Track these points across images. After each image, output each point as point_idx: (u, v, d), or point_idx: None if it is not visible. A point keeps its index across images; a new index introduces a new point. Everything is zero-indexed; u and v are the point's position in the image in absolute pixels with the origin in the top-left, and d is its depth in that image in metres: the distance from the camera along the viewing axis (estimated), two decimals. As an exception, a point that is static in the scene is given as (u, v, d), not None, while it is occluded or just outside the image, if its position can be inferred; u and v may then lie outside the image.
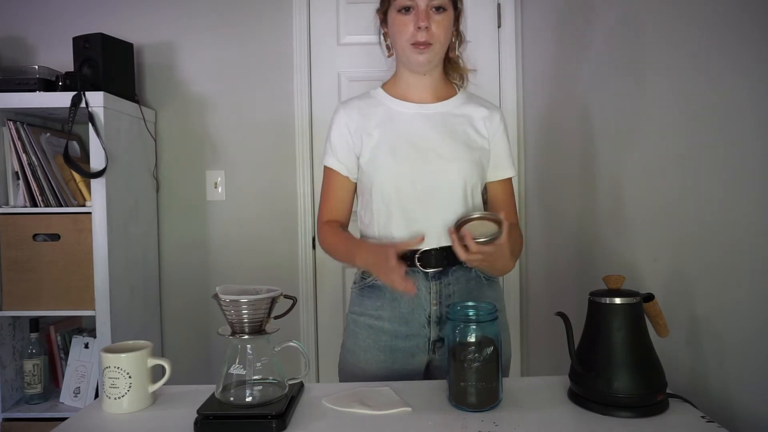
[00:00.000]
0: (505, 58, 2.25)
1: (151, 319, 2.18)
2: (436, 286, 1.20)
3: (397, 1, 1.15)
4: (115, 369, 0.96)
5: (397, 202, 1.19)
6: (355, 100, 1.28)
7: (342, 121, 1.24)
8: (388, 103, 1.24)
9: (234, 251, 2.27)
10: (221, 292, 0.92)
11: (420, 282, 1.19)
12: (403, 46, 1.17)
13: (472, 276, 1.23)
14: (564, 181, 1.80)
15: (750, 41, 0.91)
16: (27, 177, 1.85)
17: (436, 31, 1.15)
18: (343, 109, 1.25)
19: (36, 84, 1.86)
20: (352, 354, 1.24)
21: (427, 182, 1.18)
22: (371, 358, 1.21)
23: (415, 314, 1.20)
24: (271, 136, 2.26)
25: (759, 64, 0.89)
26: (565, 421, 0.90)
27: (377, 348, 1.21)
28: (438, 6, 1.15)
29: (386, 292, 1.21)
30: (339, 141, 1.24)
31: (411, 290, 1.03)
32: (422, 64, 1.19)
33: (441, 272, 1.20)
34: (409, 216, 1.19)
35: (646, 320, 0.97)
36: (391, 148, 1.19)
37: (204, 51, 2.26)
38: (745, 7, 0.92)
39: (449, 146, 1.20)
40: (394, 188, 1.19)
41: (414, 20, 1.14)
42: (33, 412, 1.88)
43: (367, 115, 1.23)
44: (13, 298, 1.84)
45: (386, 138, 1.20)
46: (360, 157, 1.23)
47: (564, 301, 1.80)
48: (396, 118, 1.22)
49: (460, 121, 1.24)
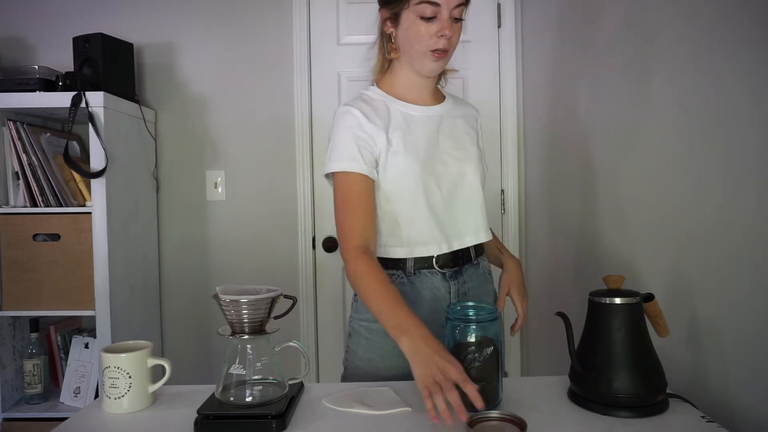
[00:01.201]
0: (505, 58, 2.25)
1: (151, 319, 2.18)
2: (454, 285, 1.20)
3: (420, 7, 1.09)
4: (115, 369, 0.96)
5: (426, 205, 1.15)
6: (359, 102, 1.19)
7: (354, 122, 1.15)
8: (395, 105, 1.20)
9: (234, 251, 2.27)
10: (221, 292, 0.92)
11: (438, 282, 1.19)
12: (421, 51, 1.13)
13: (481, 272, 1.26)
14: (564, 181, 1.80)
15: (751, 43, 0.91)
16: (27, 177, 1.85)
17: (454, 40, 1.14)
18: (353, 110, 1.16)
19: (36, 84, 1.86)
20: (367, 362, 1.18)
21: (450, 184, 1.18)
22: (391, 364, 1.14)
23: (434, 315, 1.15)
24: (271, 136, 2.26)
25: (760, 65, 0.89)
26: (565, 421, 0.90)
27: (398, 354, 1.02)
28: (458, 17, 1.13)
29: (406, 296, 1.11)
30: (357, 143, 1.13)
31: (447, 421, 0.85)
32: (435, 70, 1.17)
33: (456, 271, 1.21)
34: (437, 218, 1.17)
35: (646, 320, 0.97)
36: (414, 152, 1.15)
37: (204, 51, 2.26)
38: (747, 8, 0.92)
39: (460, 147, 1.22)
40: (420, 192, 1.15)
41: (438, 28, 1.10)
42: (33, 412, 1.88)
43: (381, 118, 1.17)
44: (13, 298, 1.84)
45: (405, 142, 1.16)
46: (379, 161, 1.15)
47: (564, 301, 1.80)
48: (409, 120, 1.19)
49: (459, 122, 1.25)
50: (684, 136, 1.10)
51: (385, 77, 1.23)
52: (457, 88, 2.25)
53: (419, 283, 1.18)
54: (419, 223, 1.17)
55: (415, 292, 1.18)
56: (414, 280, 1.18)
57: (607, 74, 1.46)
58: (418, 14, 1.10)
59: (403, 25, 1.14)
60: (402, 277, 1.18)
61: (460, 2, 1.10)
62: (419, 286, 1.18)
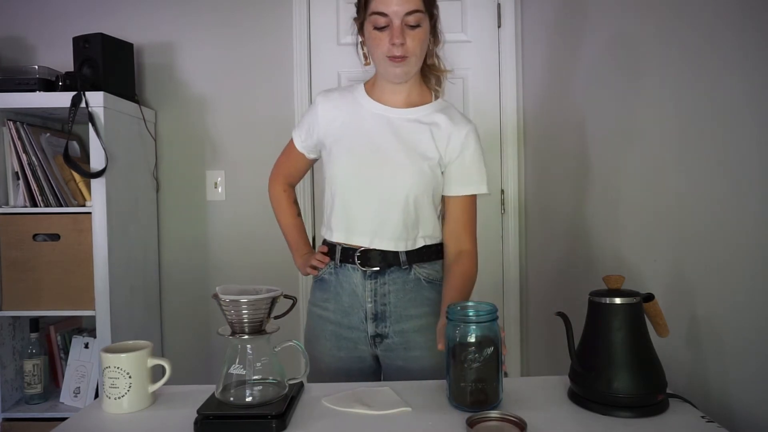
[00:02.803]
0: (505, 58, 2.25)
1: (151, 319, 2.18)
2: (371, 285, 1.25)
3: (372, 18, 1.17)
4: (115, 369, 0.96)
5: (341, 195, 1.25)
6: (335, 91, 1.33)
7: (318, 107, 1.30)
8: (362, 101, 1.28)
9: (234, 251, 2.27)
10: (221, 292, 0.92)
11: (357, 279, 1.26)
12: (379, 59, 1.20)
13: (411, 278, 1.26)
14: (564, 181, 1.80)
15: (746, 39, 0.91)
16: (27, 177, 1.85)
17: (411, 45, 1.17)
18: (323, 99, 1.31)
19: (36, 84, 1.86)
20: (307, 342, 1.34)
21: (373, 183, 1.23)
22: (320, 346, 1.30)
23: (354, 309, 1.27)
24: (271, 136, 2.25)
25: (756, 62, 0.89)
26: (565, 421, 0.90)
27: (324, 336, 1.30)
28: (413, 24, 1.16)
29: (331, 285, 1.29)
30: (308, 125, 1.32)
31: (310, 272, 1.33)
32: (398, 76, 1.21)
33: (378, 272, 1.24)
34: (347, 212, 1.26)
35: (646, 320, 0.97)
36: (349, 144, 1.24)
37: (204, 51, 2.26)
38: (742, 7, 0.92)
39: (402, 152, 1.22)
40: (342, 182, 1.25)
41: (389, 36, 1.16)
42: (33, 412, 1.88)
43: (340, 108, 1.28)
44: (13, 298, 1.84)
45: (347, 134, 1.25)
46: (322, 146, 1.31)
47: (564, 301, 1.80)
48: (363, 116, 1.26)
49: (422, 129, 1.24)
50: (683, 136, 1.10)
51: (372, 78, 1.31)
52: (457, 88, 2.25)
53: (342, 276, 1.28)
54: (337, 212, 1.27)
55: (338, 283, 1.28)
56: (339, 271, 1.28)
57: (606, 74, 1.46)
58: (372, 24, 1.18)
59: (365, 35, 1.23)
60: (331, 267, 1.30)
61: (410, 10, 1.14)
62: (342, 278, 1.28)
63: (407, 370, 1.24)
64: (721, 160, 0.98)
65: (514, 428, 0.85)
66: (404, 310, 1.24)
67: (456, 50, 2.24)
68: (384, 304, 1.24)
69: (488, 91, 2.27)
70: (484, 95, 2.27)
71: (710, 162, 1.01)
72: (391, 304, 1.24)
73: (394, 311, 1.24)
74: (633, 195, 1.32)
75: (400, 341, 1.25)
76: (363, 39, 1.26)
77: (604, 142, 1.48)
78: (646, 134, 1.25)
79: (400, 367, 1.25)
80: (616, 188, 1.41)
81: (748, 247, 0.92)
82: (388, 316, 1.24)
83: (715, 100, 1.00)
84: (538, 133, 2.10)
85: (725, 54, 0.97)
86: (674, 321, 1.08)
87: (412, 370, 1.23)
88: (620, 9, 1.38)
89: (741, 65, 0.93)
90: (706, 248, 1.03)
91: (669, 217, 1.15)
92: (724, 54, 0.97)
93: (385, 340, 1.26)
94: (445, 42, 1.31)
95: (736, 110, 0.94)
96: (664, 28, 1.17)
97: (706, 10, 1.02)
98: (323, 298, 1.31)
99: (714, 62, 1.00)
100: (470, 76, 2.27)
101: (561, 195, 1.83)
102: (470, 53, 2.27)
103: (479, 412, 0.89)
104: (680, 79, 1.11)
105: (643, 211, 1.27)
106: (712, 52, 1.01)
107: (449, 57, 2.40)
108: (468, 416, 0.88)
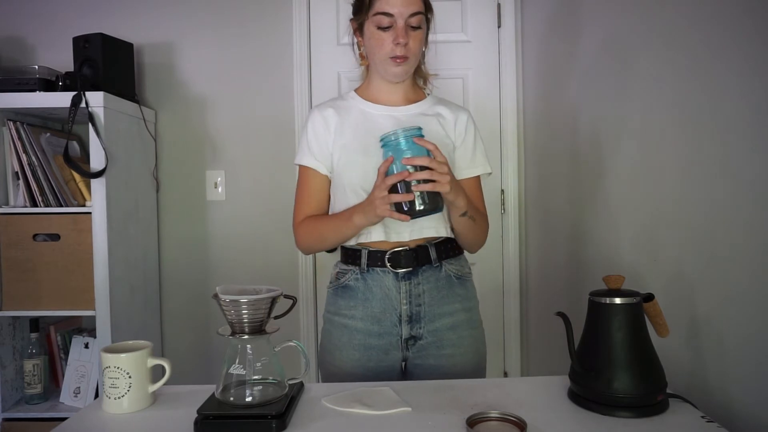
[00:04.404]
0: (505, 58, 2.25)
1: (151, 319, 2.18)
2: (405, 286, 1.23)
3: (376, 18, 1.18)
4: (115, 369, 0.96)
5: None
6: (328, 102, 1.32)
7: (318, 120, 1.27)
8: (360, 105, 1.29)
9: (234, 251, 2.27)
10: (221, 292, 0.92)
11: (390, 282, 1.22)
12: (381, 59, 1.21)
13: (442, 275, 1.25)
14: (564, 181, 1.80)
15: (744, 39, 0.91)
16: (27, 177, 1.85)
17: (412, 46, 1.20)
18: (318, 110, 1.29)
19: (36, 84, 1.86)
20: (328, 353, 1.28)
21: None
22: (345, 356, 1.24)
23: (386, 313, 1.23)
24: (271, 136, 2.26)
25: (753, 62, 0.89)
26: (565, 421, 0.90)
27: (351, 346, 1.24)
28: (415, 26, 1.19)
29: (359, 292, 1.24)
30: (316, 139, 1.26)
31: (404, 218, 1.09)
32: (399, 75, 1.23)
33: (411, 272, 1.23)
34: None
35: (646, 320, 0.97)
36: (362, 146, 1.22)
37: (204, 51, 2.26)
38: (740, 7, 0.92)
39: None
40: (365, 185, 1.20)
41: (393, 36, 1.18)
42: (33, 412, 1.88)
43: (341, 115, 1.27)
44: (13, 298, 1.84)
45: (358, 136, 1.24)
46: (333, 156, 1.25)
47: (564, 301, 1.80)
48: (368, 118, 1.26)
49: (429, 121, 1.27)
50: (684, 136, 1.10)
51: (364, 82, 1.33)
52: (457, 88, 2.25)
53: (371, 281, 1.23)
54: None
55: (367, 289, 1.24)
56: (367, 277, 1.24)
57: (607, 74, 1.46)
58: (375, 24, 1.19)
59: (366, 35, 1.23)
60: (357, 273, 1.25)
61: (413, 12, 1.18)
62: (371, 283, 1.23)
63: (438, 368, 1.23)
64: (722, 159, 0.98)
65: (514, 428, 0.85)
66: (438, 308, 1.24)
67: (456, 50, 2.25)
68: (419, 305, 1.23)
69: (488, 91, 2.27)
70: (484, 95, 2.27)
71: (710, 162, 1.01)
72: (426, 304, 1.23)
73: (429, 311, 1.23)
74: (634, 195, 1.32)
75: (433, 340, 1.24)
76: (360, 39, 1.28)
77: (604, 142, 1.48)
78: (646, 134, 1.25)
79: (431, 366, 1.24)
80: (616, 188, 1.41)
81: (747, 247, 0.92)
82: (423, 317, 1.23)
83: (715, 99, 1.00)
84: (537, 133, 2.10)
85: (723, 53, 0.97)
86: (674, 321, 1.08)
87: (443, 367, 1.23)
88: (620, 9, 1.38)
89: (740, 65, 0.93)
90: (706, 248, 1.03)
91: (669, 217, 1.15)
92: (722, 53, 0.97)
93: (419, 341, 1.24)
94: (445, 42, 1.31)
95: (735, 110, 0.94)
96: (664, 28, 1.17)
97: (703, 9, 1.02)
98: (348, 306, 1.25)
99: (713, 61, 1.00)
100: (470, 76, 2.27)
101: (561, 195, 1.83)
102: (470, 53, 2.26)
103: (479, 413, 0.89)
104: (680, 79, 1.11)
105: (642, 211, 1.27)
106: (710, 51, 1.01)
107: (449, 57, 2.41)
108: (468, 416, 0.88)
